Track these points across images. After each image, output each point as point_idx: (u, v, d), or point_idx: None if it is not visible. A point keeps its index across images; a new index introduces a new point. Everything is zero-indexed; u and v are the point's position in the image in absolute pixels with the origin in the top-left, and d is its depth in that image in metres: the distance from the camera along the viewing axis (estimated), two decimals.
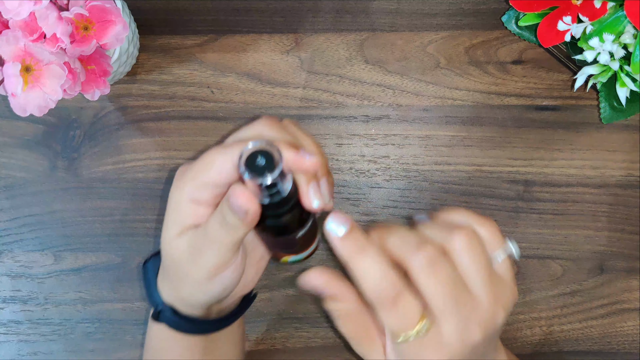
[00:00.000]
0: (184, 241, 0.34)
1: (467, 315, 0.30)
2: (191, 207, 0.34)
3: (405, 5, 0.49)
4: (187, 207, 0.34)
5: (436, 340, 0.30)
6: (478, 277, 0.31)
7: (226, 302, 0.40)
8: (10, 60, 0.37)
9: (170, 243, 0.35)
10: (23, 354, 0.49)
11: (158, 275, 0.39)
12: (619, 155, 0.48)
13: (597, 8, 0.40)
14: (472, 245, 0.31)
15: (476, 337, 0.30)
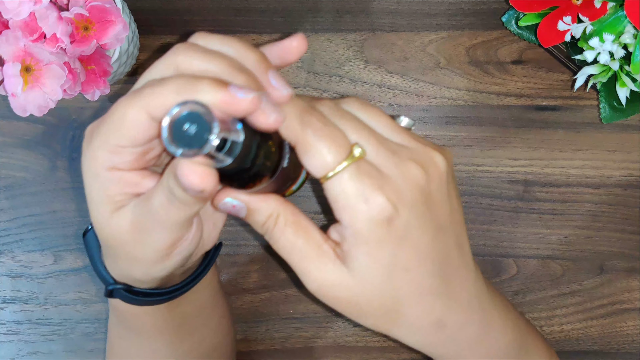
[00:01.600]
0: (121, 220, 0.28)
1: (398, 152, 0.27)
2: (114, 177, 0.27)
3: (405, 5, 0.49)
4: (109, 179, 0.27)
5: (378, 174, 0.27)
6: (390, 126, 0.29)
7: (188, 264, 0.33)
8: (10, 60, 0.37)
9: (105, 225, 0.28)
10: (23, 354, 0.49)
11: (101, 253, 0.33)
12: (619, 155, 0.48)
13: (597, 8, 0.40)
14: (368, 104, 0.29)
15: (418, 174, 0.27)
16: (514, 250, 0.49)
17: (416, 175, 0.27)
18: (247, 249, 0.49)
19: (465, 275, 0.31)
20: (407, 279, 0.28)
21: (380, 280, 0.28)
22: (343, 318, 0.49)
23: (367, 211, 0.26)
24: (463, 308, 0.31)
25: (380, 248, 0.27)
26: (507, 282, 0.49)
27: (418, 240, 0.28)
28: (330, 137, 0.26)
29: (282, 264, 0.49)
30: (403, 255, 0.27)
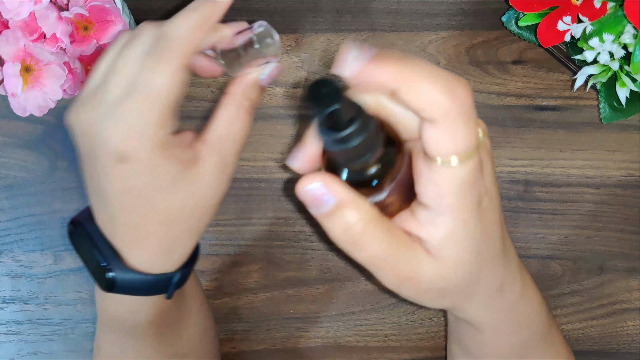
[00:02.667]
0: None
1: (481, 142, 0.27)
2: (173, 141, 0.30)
3: (405, 5, 0.49)
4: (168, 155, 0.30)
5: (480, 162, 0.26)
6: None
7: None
8: (10, 60, 0.37)
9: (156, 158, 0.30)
10: (23, 354, 0.49)
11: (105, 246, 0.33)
12: (619, 155, 0.48)
13: (597, 8, 0.40)
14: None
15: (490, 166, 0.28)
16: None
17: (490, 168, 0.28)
18: (247, 248, 0.49)
19: (508, 242, 0.32)
20: (488, 248, 0.29)
21: (470, 258, 0.28)
22: (344, 318, 0.49)
23: (471, 197, 0.26)
24: (514, 269, 0.32)
25: (476, 227, 0.27)
26: None
27: (495, 208, 0.29)
28: (473, 118, 0.24)
29: (283, 264, 0.49)
30: (488, 225, 0.28)
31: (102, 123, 0.30)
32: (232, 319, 0.49)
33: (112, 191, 0.31)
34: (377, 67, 0.23)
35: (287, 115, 0.49)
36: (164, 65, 0.30)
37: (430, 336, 0.49)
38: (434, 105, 0.24)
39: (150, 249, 0.33)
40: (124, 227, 0.32)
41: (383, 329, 0.49)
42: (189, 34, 0.31)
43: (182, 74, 0.30)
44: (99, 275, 0.33)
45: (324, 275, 0.49)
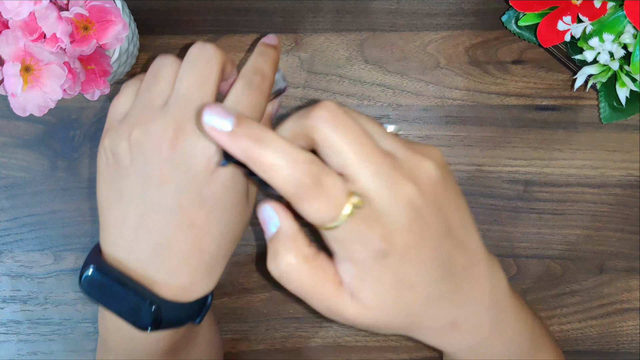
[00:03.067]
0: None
1: (389, 174, 0.27)
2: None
3: (405, 5, 0.49)
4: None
5: (370, 213, 0.26)
6: (380, 132, 0.28)
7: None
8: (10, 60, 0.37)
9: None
10: (23, 353, 0.49)
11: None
12: (618, 155, 0.48)
13: (597, 8, 0.40)
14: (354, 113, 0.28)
15: (409, 190, 0.27)
16: (514, 250, 0.49)
17: (409, 194, 0.27)
18: (247, 249, 0.49)
19: (477, 273, 0.31)
20: (415, 295, 0.29)
21: (390, 304, 0.29)
22: None
23: (364, 253, 0.27)
24: (476, 307, 0.31)
25: (382, 277, 0.28)
26: None
27: (418, 256, 0.28)
28: (327, 192, 0.25)
29: None
30: (404, 275, 0.28)
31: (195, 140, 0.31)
32: (231, 319, 0.49)
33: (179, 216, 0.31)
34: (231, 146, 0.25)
35: (286, 115, 0.49)
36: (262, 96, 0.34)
37: None
38: (280, 190, 0.26)
39: (197, 273, 0.32)
40: (179, 246, 0.31)
41: None
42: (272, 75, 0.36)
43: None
44: (138, 316, 0.32)
45: None
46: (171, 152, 0.31)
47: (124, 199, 0.32)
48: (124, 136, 0.32)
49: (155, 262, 0.32)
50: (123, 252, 0.32)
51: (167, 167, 0.31)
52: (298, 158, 0.25)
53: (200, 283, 0.33)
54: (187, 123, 0.31)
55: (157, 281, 0.32)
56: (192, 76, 0.32)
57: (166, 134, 0.31)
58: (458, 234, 0.30)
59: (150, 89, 0.33)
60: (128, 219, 0.32)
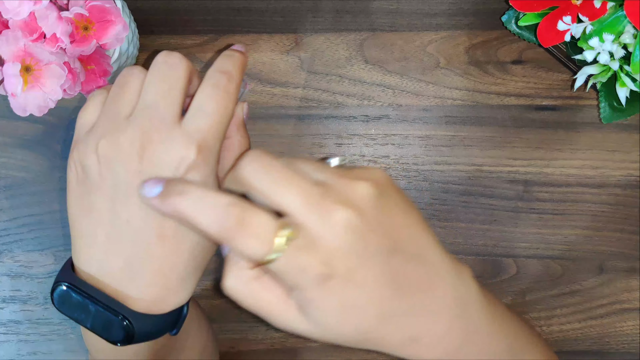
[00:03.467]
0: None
1: (318, 202, 0.27)
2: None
3: (405, 5, 0.49)
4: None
5: (306, 241, 0.27)
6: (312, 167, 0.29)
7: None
8: (10, 60, 0.37)
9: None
10: (23, 353, 0.49)
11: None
12: (618, 155, 0.48)
13: (597, 8, 0.40)
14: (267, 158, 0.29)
15: (343, 214, 0.27)
16: (514, 250, 0.49)
17: (344, 218, 0.27)
18: None
19: (436, 285, 0.30)
20: (364, 315, 0.29)
21: (340, 325, 0.29)
22: None
23: (306, 280, 0.27)
24: (439, 318, 0.30)
25: (325, 300, 0.28)
26: (507, 282, 0.49)
27: (363, 277, 0.28)
28: (253, 229, 0.26)
29: None
30: (350, 296, 0.28)
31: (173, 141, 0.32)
32: (231, 319, 0.49)
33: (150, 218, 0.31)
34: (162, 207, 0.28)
35: (286, 115, 0.49)
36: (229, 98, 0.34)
37: None
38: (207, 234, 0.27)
39: (170, 285, 0.32)
40: (150, 259, 0.31)
41: None
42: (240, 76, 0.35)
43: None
44: (110, 331, 0.32)
45: None
46: (139, 164, 0.31)
47: (93, 213, 0.32)
48: (92, 149, 0.31)
49: (127, 276, 0.31)
50: (95, 267, 0.32)
51: (136, 179, 0.31)
52: (219, 202, 0.27)
53: (173, 295, 0.32)
54: (154, 133, 0.31)
55: (130, 295, 0.32)
56: (158, 85, 0.32)
57: (133, 145, 0.31)
58: (409, 248, 0.29)
59: (116, 100, 0.32)
60: (98, 234, 0.32)
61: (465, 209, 0.48)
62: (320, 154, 0.49)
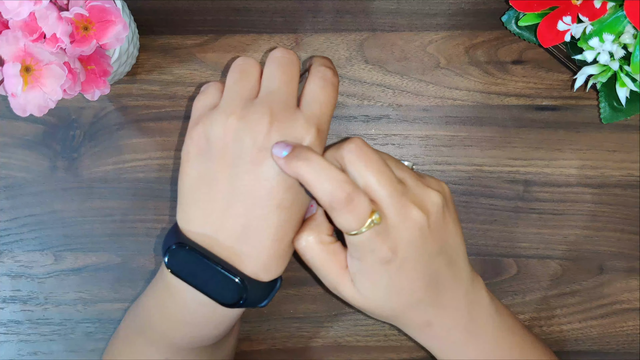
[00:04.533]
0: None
1: (401, 198, 0.33)
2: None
3: (405, 5, 0.49)
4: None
5: (384, 228, 0.33)
6: (395, 164, 0.36)
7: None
8: (10, 60, 0.37)
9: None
10: (23, 354, 0.49)
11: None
12: (619, 155, 0.48)
13: (597, 8, 0.40)
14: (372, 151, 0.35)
15: (417, 214, 0.34)
16: (514, 250, 0.49)
17: (416, 217, 0.34)
18: None
19: (457, 287, 0.37)
20: (400, 298, 0.36)
21: (380, 300, 0.36)
22: (344, 318, 0.49)
23: (372, 258, 0.34)
24: (450, 314, 0.37)
25: (379, 279, 0.35)
26: (507, 282, 0.49)
27: (412, 269, 0.35)
28: (355, 208, 0.32)
29: None
30: (397, 282, 0.35)
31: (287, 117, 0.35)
32: None
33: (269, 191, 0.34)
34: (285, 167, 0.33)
35: None
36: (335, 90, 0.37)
37: None
38: (319, 200, 0.33)
39: (277, 251, 0.35)
40: (261, 232, 0.35)
41: (383, 329, 0.49)
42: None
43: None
44: (224, 292, 0.35)
45: None
46: (266, 139, 0.34)
47: (213, 181, 0.35)
48: (220, 123, 0.34)
49: (242, 240, 0.35)
50: (210, 230, 0.35)
51: (262, 152, 0.34)
52: (336, 177, 0.32)
53: (276, 264, 0.36)
54: (281, 113, 0.34)
55: (243, 260, 0.35)
56: (280, 75, 0.35)
57: (262, 121, 0.34)
58: (450, 253, 0.36)
59: (239, 84, 0.36)
60: (217, 199, 0.35)
61: (466, 209, 0.48)
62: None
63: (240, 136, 0.34)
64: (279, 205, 0.34)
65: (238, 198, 0.34)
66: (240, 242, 0.34)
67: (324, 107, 0.35)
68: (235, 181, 0.34)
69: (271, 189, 0.34)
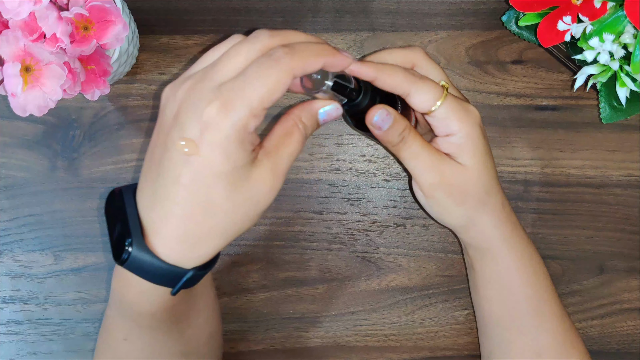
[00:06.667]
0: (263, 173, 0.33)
1: (460, 96, 0.41)
2: (251, 140, 0.32)
3: (405, 5, 0.49)
4: (250, 142, 0.32)
5: (453, 98, 0.40)
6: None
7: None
8: (10, 60, 0.37)
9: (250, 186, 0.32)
10: (23, 353, 0.49)
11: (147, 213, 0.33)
12: (619, 155, 0.48)
13: (597, 8, 0.40)
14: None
15: (473, 110, 0.41)
16: None
17: (474, 112, 0.41)
18: (247, 249, 0.49)
19: (492, 194, 0.43)
20: (493, 166, 0.42)
21: (481, 165, 0.41)
22: (343, 318, 0.49)
23: (470, 117, 0.40)
24: (508, 204, 0.43)
25: (479, 142, 0.40)
26: None
27: (486, 136, 0.42)
28: (427, 81, 0.39)
29: (282, 264, 0.49)
30: (488, 148, 0.41)
31: (200, 95, 0.31)
32: (231, 319, 0.49)
33: (173, 164, 0.32)
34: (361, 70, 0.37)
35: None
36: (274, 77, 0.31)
37: (430, 336, 0.49)
38: (399, 86, 0.38)
39: (178, 236, 0.33)
40: (165, 204, 0.32)
41: (383, 329, 0.49)
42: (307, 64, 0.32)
43: (285, 86, 0.31)
44: (117, 246, 0.33)
45: (323, 275, 0.49)
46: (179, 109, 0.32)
47: (154, 148, 0.34)
48: (173, 92, 0.33)
49: (149, 210, 0.33)
50: (138, 191, 0.34)
51: (171, 121, 0.32)
52: (404, 69, 0.39)
53: (181, 250, 0.33)
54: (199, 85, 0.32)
55: (147, 228, 0.33)
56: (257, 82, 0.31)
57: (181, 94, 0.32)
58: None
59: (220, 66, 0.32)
60: (144, 164, 0.34)
61: None
62: (320, 153, 0.49)
63: (163, 108, 0.33)
64: (175, 179, 0.32)
65: (152, 165, 0.33)
66: (147, 209, 0.33)
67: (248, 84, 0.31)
68: (153, 148, 0.33)
69: (170, 160, 0.32)
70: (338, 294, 0.49)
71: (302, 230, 0.49)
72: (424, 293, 0.49)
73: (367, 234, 0.49)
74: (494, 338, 0.45)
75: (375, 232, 0.49)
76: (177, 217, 0.32)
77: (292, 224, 0.49)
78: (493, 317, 0.44)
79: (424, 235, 0.49)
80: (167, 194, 0.32)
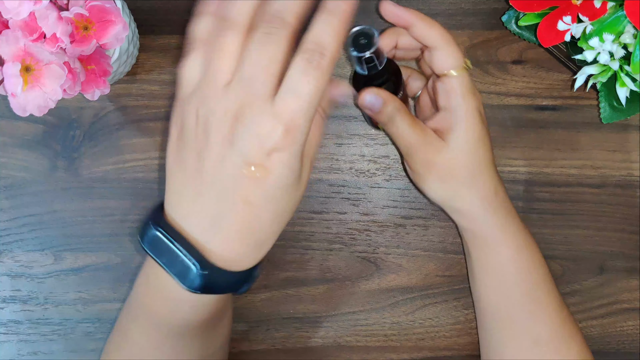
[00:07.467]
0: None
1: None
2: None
3: (405, 5, 0.48)
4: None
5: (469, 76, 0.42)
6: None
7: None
8: (10, 60, 0.37)
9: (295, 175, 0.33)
10: (23, 353, 0.49)
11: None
12: (619, 155, 0.48)
13: (597, 8, 0.40)
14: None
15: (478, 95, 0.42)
16: None
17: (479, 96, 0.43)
18: None
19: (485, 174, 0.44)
20: (485, 152, 0.42)
21: (470, 149, 0.42)
22: (343, 318, 0.49)
23: (474, 100, 0.41)
24: (503, 190, 0.44)
25: (474, 124, 0.41)
26: None
27: (485, 122, 0.42)
28: (458, 48, 0.41)
29: (282, 264, 0.49)
30: (484, 134, 0.42)
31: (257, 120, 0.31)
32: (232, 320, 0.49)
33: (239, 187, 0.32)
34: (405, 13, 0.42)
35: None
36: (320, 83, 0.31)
37: (430, 336, 0.49)
38: (437, 36, 0.40)
39: (247, 245, 0.34)
40: (233, 225, 0.33)
41: (383, 329, 0.49)
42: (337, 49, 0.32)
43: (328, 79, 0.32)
44: (187, 277, 0.33)
45: (323, 275, 0.49)
46: (229, 134, 0.31)
47: (187, 169, 0.33)
48: (193, 111, 0.33)
49: (210, 232, 0.33)
50: (180, 217, 0.34)
51: (225, 147, 0.32)
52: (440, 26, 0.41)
53: (250, 256, 0.34)
54: (247, 108, 0.31)
55: (210, 249, 0.33)
56: (259, 57, 0.31)
57: (227, 116, 0.31)
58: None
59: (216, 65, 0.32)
60: (188, 187, 0.33)
61: None
62: (320, 153, 0.49)
63: (207, 128, 0.32)
64: (244, 200, 0.32)
65: (207, 189, 0.33)
66: (207, 235, 0.33)
67: (302, 100, 0.30)
68: (205, 172, 0.32)
69: (236, 184, 0.32)
70: (338, 294, 0.49)
71: (302, 230, 0.49)
72: (424, 293, 0.49)
73: (367, 234, 0.49)
74: (490, 325, 0.45)
75: (375, 232, 0.49)
76: (248, 233, 0.33)
77: (292, 224, 0.49)
78: (490, 305, 0.45)
79: (424, 235, 0.49)
80: (235, 214, 0.33)
